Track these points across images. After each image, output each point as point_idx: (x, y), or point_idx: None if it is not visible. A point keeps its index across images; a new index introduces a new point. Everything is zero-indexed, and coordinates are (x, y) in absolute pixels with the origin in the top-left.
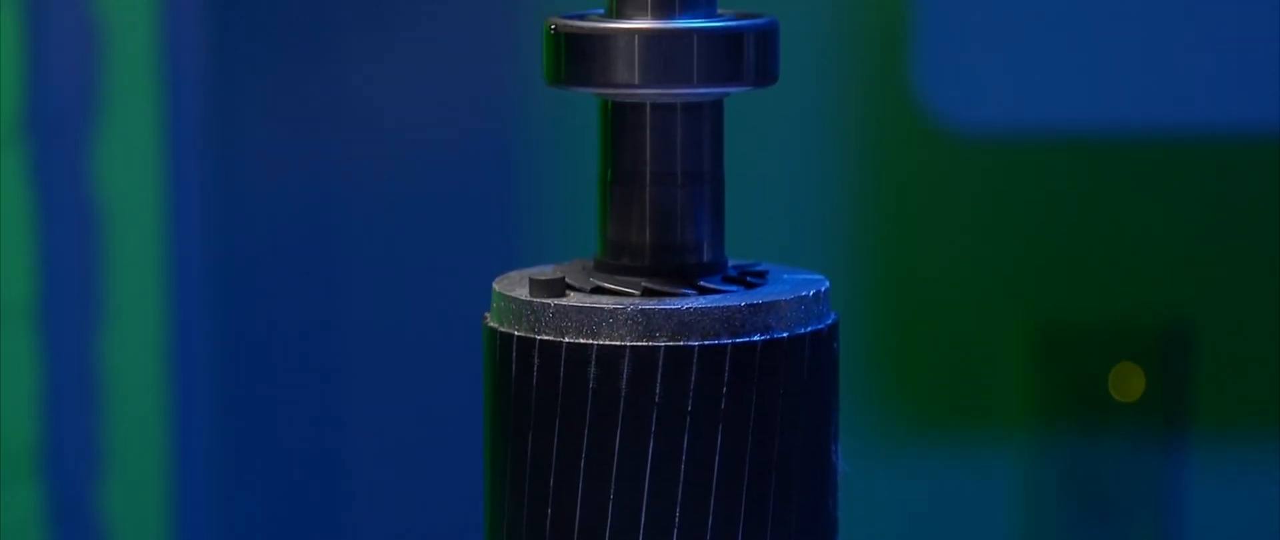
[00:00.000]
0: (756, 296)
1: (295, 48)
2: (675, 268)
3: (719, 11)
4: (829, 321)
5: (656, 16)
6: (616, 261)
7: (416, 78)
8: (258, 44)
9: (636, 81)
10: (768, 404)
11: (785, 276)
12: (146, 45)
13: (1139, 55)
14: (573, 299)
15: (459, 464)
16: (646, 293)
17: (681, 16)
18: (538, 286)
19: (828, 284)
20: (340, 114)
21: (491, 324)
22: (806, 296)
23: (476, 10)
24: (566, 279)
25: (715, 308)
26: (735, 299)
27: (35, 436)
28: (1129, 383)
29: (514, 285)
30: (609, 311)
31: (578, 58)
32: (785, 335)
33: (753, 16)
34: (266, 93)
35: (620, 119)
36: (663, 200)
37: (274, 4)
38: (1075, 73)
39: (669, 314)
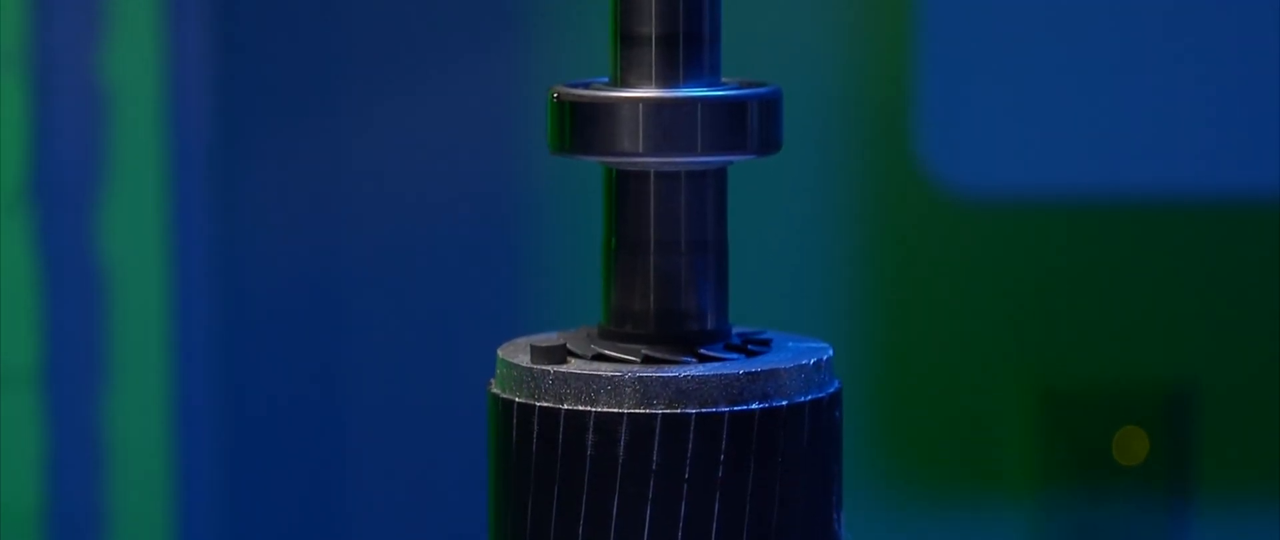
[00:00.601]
0: (755, 365)
1: (300, 113)
2: (678, 335)
3: (723, 80)
4: (830, 390)
5: (660, 85)
6: (619, 329)
7: (421, 144)
8: (262, 109)
9: (640, 150)
10: (766, 472)
11: (790, 345)
12: (151, 111)
13: (1140, 120)
14: (573, 366)
15: (463, 530)
16: (646, 360)
17: (685, 85)
18: (538, 353)
19: (831, 352)
20: (345, 180)
21: (495, 390)
22: (807, 365)
23: (481, 77)
24: (568, 346)
25: (713, 376)
26: (734, 367)
27: (39, 500)
28: (1133, 447)
29: (517, 352)
30: (607, 379)
31: (582, 126)
32: (784, 404)
33: (756, 85)
34: (271, 158)
35: (624, 187)
36: (666, 268)
37: (279, 70)
38: (1077, 137)
39: (666, 382)
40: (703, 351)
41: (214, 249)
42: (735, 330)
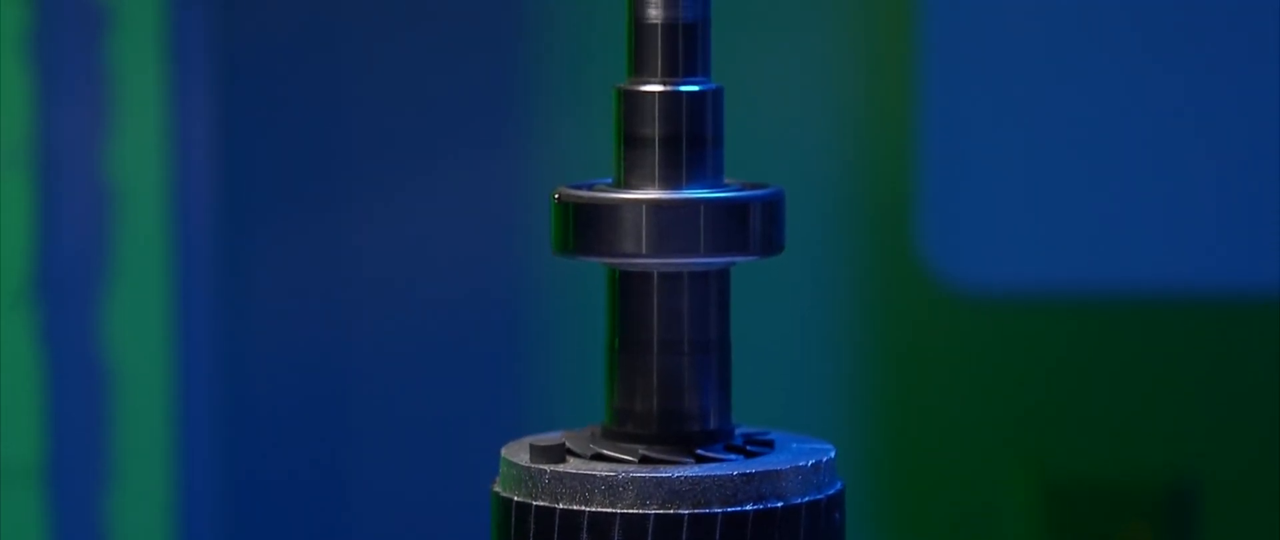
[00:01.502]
0: (752, 466)
1: (304, 210)
2: (679, 436)
3: (726, 181)
4: (830, 492)
5: (663, 187)
6: (621, 428)
7: (426, 244)
8: (267, 206)
9: (643, 252)
10: None
11: (793, 446)
12: (156, 207)
13: (1142, 217)
14: (570, 465)
15: None
16: (644, 460)
17: (688, 187)
18: (537, 453)
19: (833, 453)
20: (350, 279)
21: (496, 489)
22: (804, 466)
23: (486, 175)
24: (569, 446)
25: (707, 477)
26: (729, 468)
27: None
28: None
29: (519, 451)
30: (601, 479)
31: (585, 228)
32: (780, 505)
33: (759, 187)
34: (275, 254)
35: (627, 288)
36: (668, 369)
37: (283, 167)
38: (1079, 234)
39: (660, 482)
40: (700, 452)
41: (218, 345)
42: (739, 430)
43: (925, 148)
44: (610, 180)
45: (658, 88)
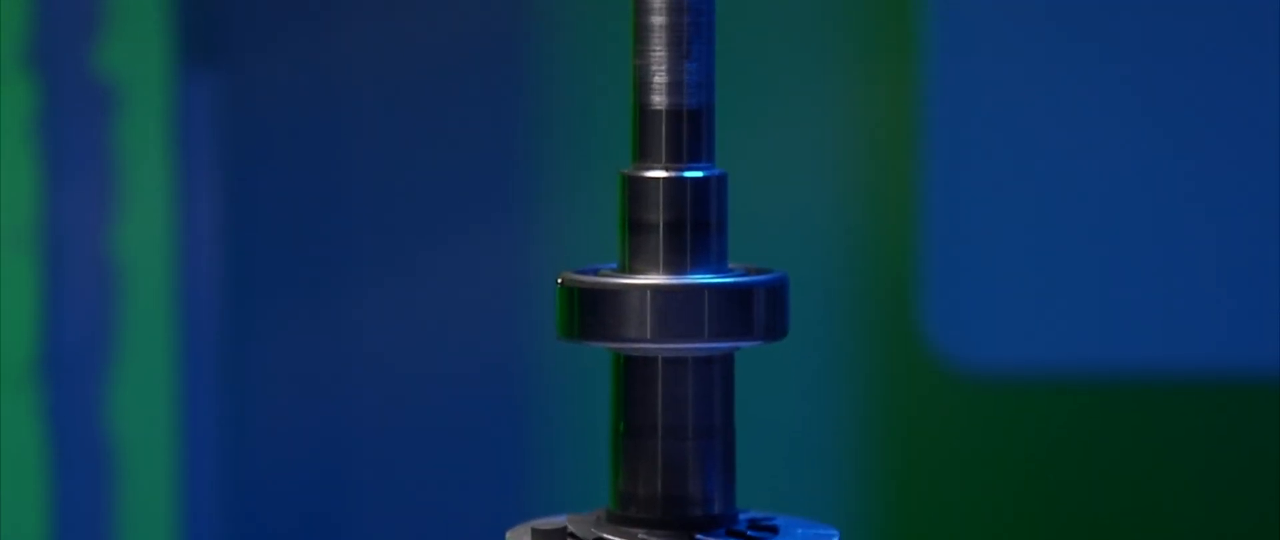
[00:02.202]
0: None
1: (310, 291)
2: (682, 521)
3: (730, 265)
4: None
5: (668, 272)
6: (625, 512)
7: (430, 325)
8: (273, 288)
9: (648, 337)
10: None
11: (797, 530)
12: (161, 286)
13: (1147, 296)
14: None
15: None
16: None
17: (692, 272)
18: (538, 536)
19: (837, 538)
20: (355, 360)
21: None
22: None
23: (490, 260)
24: (572, 530)
25: None
26: None
27: None
28: None
29: (522, 535)
30: None
31: (589, 313)
32: None
33: (763, 272)
34: (280, 335)
35: (631, 373)
36: (672, 454)
37: (289, 248)
38: (1083, 314)
39: None
40: (700, 537)
41: (222, 425)
42: (744, 515)
43: (928, 229)
44: (615, 265)
45: (662, 174)
